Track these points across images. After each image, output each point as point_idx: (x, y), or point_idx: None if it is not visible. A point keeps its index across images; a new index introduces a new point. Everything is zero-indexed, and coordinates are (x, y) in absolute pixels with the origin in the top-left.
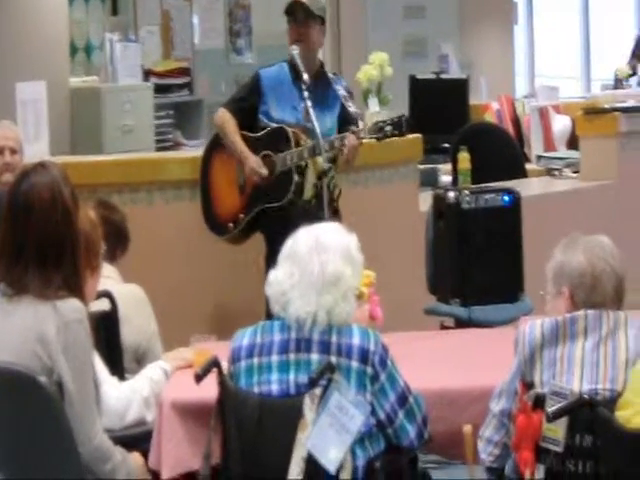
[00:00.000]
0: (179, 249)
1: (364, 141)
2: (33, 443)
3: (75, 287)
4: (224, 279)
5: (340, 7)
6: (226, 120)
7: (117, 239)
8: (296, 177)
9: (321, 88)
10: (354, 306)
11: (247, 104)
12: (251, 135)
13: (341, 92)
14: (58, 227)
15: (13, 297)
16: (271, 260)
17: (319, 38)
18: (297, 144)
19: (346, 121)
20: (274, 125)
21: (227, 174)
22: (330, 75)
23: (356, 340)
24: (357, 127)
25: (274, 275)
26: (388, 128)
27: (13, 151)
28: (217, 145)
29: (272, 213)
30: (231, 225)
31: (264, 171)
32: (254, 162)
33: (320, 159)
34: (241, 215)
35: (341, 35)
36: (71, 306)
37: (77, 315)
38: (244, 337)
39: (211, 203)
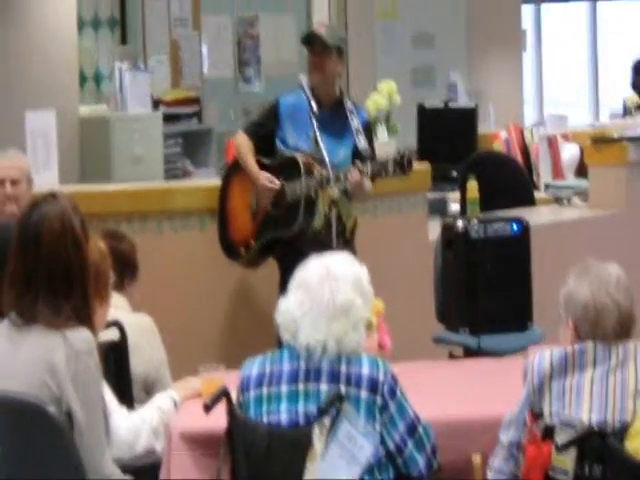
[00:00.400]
0: (188, 278)
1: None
2: (43, 473)
3: (85, 317)
4: (233, 308)
5: (349, 35)
6: (242, 143)
7: (124, 268)
8: (304, 207)
9: (337, 118)
10: (364, 337)
11: (264, 130)
12: (264, 161)
13: (354, 123)
14: (68, 257)
15: (23, 327)
16: (283, 288)
17: (336, 68)
18: (309, 173)
19: (357, 155)
20: (288, 152)
21: (243, 199)
22: (349, 105)
23: (365, 370)
24: (363, 162)
25: (284, 303)
26: (391, 166)
27: (14, 182)
28: (237, 169)
29: (284, 241)
30: (242, 250)
31: (276, 183)
32: (265, 178)
33: (334, 190)
34: (252, 241)
35: (349, 63)
36: (81, 336)
37: (86, 346)
38: (253, 367)
39: (226, 226)
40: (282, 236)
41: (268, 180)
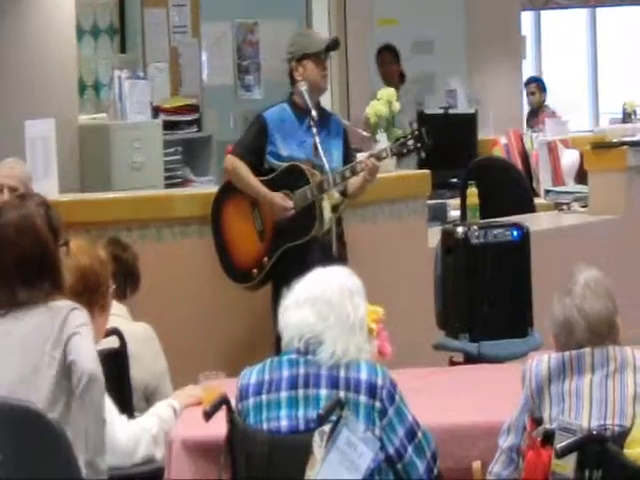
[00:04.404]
0: (188, 286)
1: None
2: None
3: (63, 291)
4: (233, 316)
5: (348, 43)
6: (237, 165)
7: (128, 277)
8: (318, 211)
9: (324, 123)
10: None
11: (255, 146)
12: (264, 178)
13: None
14: (32, 247)
15: (5, 315)
16: (281, 290)
17: None
18: (312, 179)
19: (347, 156)
20: (284, 164)
21: (241, 223)
22: (328, 110)
23: (364, 375)
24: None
25: (301, 316)
26: (410, 142)
27: (13, 189)
28: (223, 198)
29: (291, 251)
30: (255, 271)
31: (290, 203)
32: (280, 198)
33: (335, 192)
34: (265, 259)
35: (349, 71)
36: (63, 303)
37: (71, 305)
38: (252, 375)
39: (230, 254)
40: (297, 244)
41: (283, 200)
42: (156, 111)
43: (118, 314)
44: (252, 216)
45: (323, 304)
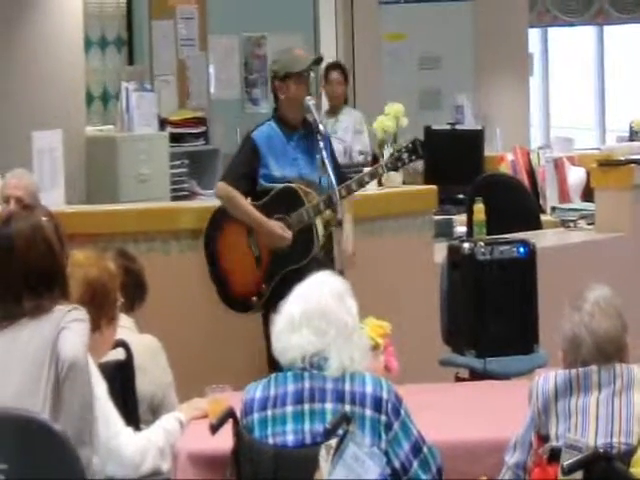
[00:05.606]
0: (194, 299)
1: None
2: None
3: (68, 300)
4: (239, 328)
5: (356, 58)
6: (230, 192)
7: (136, 289)
8: (315, 233)
9: (310, 137)
10: None
11: (247, 171)
12: (257, 203)
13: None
14: (42, 257)
15: (10, 326)
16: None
17: None
18: (307, 199)
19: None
20: (277, 186)
21: (236, 252)
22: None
23: (369, 388)
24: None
25: (300, 337)
26: (405, 156)
27: (19, 201)
28: (216, 227)
29: (290, 273)
30: (255, 299)
31: (289, 233)
32: (279, 227)
33: (326, 211)
34: (263, 286)
35: (356, 86)
36: (64, 306)
37: (71, 307)
38: (257, 390)
39: (227, 284)
40: (297, 267)
41: (282, 228)
42: (163, 123)
43: (125, 326)
44: (247, 243)
45: (319, 319)
